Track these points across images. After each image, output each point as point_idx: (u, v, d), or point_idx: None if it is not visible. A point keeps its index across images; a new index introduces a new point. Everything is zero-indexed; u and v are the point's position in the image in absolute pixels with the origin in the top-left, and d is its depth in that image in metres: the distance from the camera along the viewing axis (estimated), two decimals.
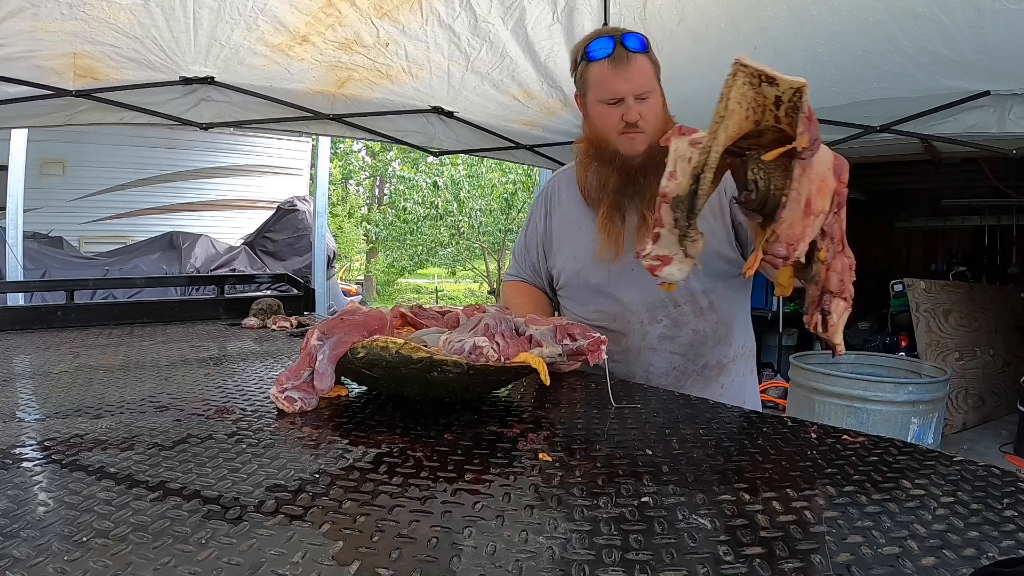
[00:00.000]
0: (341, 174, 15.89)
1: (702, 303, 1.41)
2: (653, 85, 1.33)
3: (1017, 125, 2.08)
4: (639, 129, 1.32)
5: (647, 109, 1.32)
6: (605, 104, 1.33)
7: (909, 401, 3.45)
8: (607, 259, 1.41)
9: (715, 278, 1.40)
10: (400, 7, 2.32)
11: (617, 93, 1.31)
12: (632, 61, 1.29)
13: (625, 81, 1.30)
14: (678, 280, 0.85)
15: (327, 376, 0.98)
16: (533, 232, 1.59)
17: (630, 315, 1.42)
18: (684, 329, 1.41)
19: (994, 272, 6.50)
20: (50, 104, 2.16)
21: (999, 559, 0.56)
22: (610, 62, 1.30)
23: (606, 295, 1.44)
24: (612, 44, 1.30)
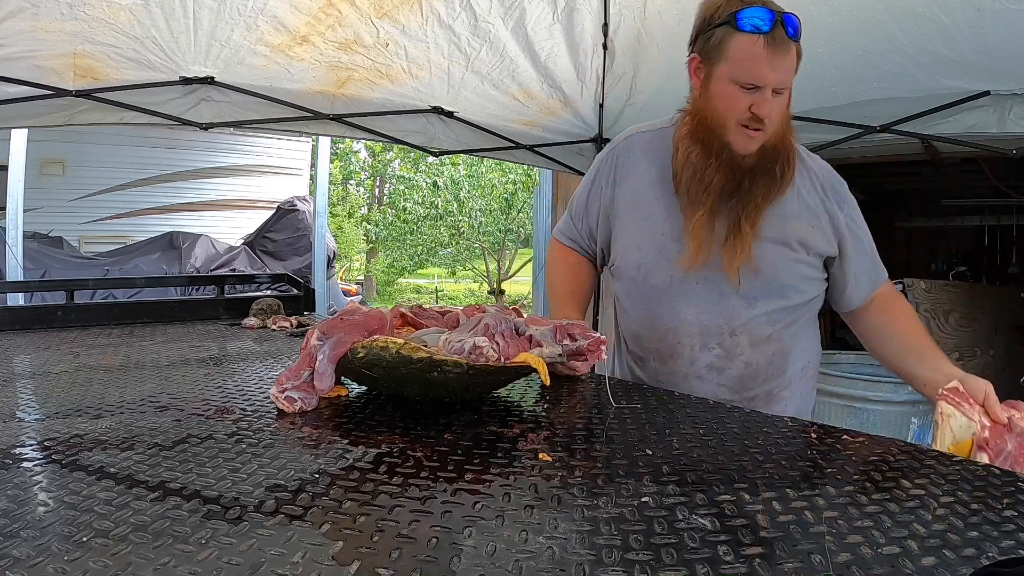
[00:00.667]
0: (341, 174, 15.89)
1: (761, 333, 1.25)
2: (791, 80, 1.15)
3: (1017, 125, 2.07)
4: (761, 127, 1.14)
5: (779, 106, 1.15)
6: (737, 86, 1.13)
7: (909, 401, 3.45)
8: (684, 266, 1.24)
9: (782, 304, 1.26)
10: (400, 7, 2.32)
11: (761, 79, 1.11)
12: (789, 48, 1.11)
13: (774, 69, 1.10)
14: None
15: (327, 376, 0.98)
16: (597, 195, 1.39)
17: (682, 335, 1.27)
18: (736, 361, 1.26)
19: (994, 272, 6.50)
20: (50, 104, 2.16)
21: (999, 559, 0.56)
22: (767, 41, 1.09)
23: (662, 303, 1.28)
24: (772, 20, 1.09)
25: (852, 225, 1.28)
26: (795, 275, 1.26)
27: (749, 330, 1.25)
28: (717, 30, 1.14)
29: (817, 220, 1.25)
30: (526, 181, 12.16)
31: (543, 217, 5.58)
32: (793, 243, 1.25)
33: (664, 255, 1.27)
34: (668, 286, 1.27)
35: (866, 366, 4.11)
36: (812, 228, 1.25)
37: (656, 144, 1.32)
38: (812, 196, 1.26)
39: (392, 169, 15.10)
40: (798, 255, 1.25)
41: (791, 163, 1.21)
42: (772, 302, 1.25)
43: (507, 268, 14.31)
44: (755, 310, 1.25)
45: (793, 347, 1.30)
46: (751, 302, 1.25)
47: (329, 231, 7.12)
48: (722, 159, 1.18)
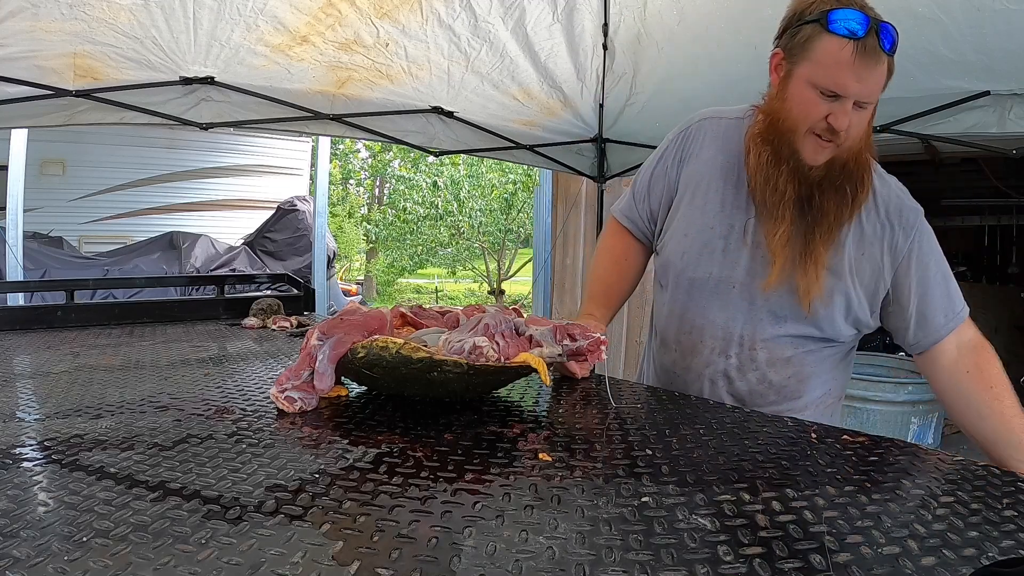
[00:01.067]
0: (341, 174, 15.90)
1: (782, 353, 1.20)
2: (878, 96, 1.08)
3: (1017, 125, 2.07)
4: (835, 139, 1.06)
5: (859, 121, 1.07)
6: (816, 91, 1.05)
7: (909, 401, 3.46)
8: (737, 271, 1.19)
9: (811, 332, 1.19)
10: (400, 7, 2.32)
11: (844, 88, 1.03)
12: (880, 62, 1.04)
13: (859, 80, 1.03)
14: None
15: (327, 376, 0.98)
16: (662, 175, 1.31)
17: (706, 335, 1.23)
18: (749, 375, 1.21)
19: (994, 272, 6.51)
20: (50, 104, 2.16)
21: (999, 559, 0.56)
22: (857, 48, 1.01)
23: (694, 298, 1.24)
24: (867, 27, 1.02)
25: (919, 256, 1.15)
26: (840, 306, 1.16)
27: (769, 347, 1.19)
28: (806, 27, 1.06)
29: (871, 249, 1.15)
30: (526, 181, 12.17)
31: (543, 217, 5.58)
32: (840, 271, 1.15)
33: (708, 250, 1.22)
34: (705, 283, 1.22)
35: (866, 366, 4.11)
36: (864, 257, 1.15)
37: (729, 134, 1.24)
38: (873, 222, 1.15)
39: (392, 169, 15.11)
40: (845, 283, 1.15)
41: (865, 184, 1.12)
42: (802, 327, 1.18)
43: (507, 268, 14.32)
44: (780, 329, 1.19)
45: (815, 374, 1.22)
46: (780, 321, 1.18)
47: (329, 231, 7.12)
48: (790, 166, 1.11)
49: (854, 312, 1.17)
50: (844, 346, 1.24)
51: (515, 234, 13.42)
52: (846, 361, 1.29)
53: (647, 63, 2.69)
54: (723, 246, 1.20)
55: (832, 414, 1.29)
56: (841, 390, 1.31)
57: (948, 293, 1.15)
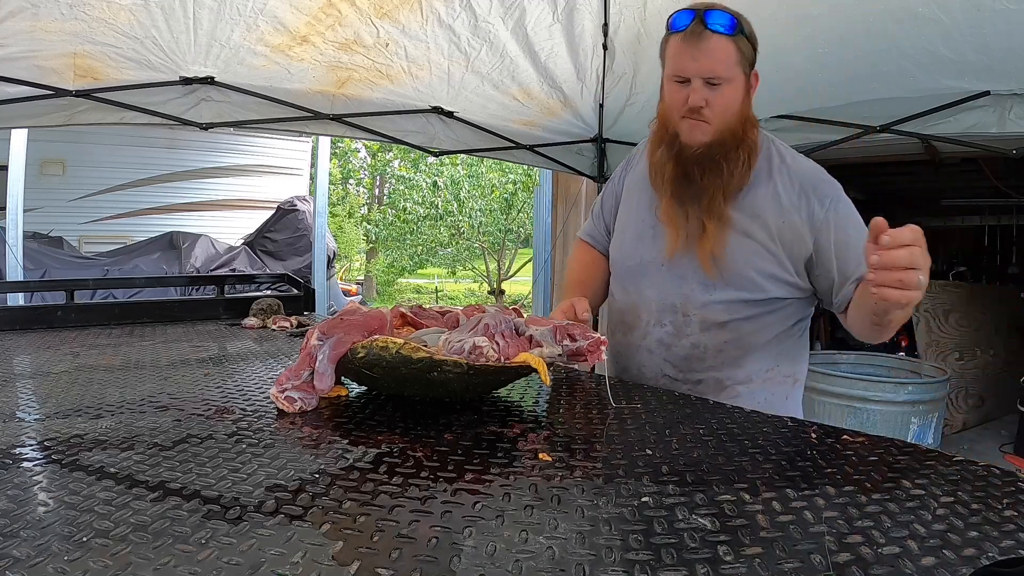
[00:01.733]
0: (341, 174, 15.89)
1: (715, 318, 1.30)
2: (730, 72, 1.20)
3: (1017, 125, 2.07)
4: (703, 118, 1.21)
5: (717, 97, 1.20)
6: (674, 81, 1.23)
7: (909, 401, 3.45)
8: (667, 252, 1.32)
9: (741, 296, 1.29)
10: (400, 7, 2.32)
11: (683, 71, 1.20)
12: (707, 40, 1.17)
13: (694, 60, 1.19)
14: None
15: (327, 376, 0.98)
16: (611, 192, 1.51)
17: (641, 310, 1.37)
18: (683, 340, 1.32)
19: (994, 272, 6.51)
20: (50, 104, 2.16)
21: (999, 559, 0.56)
22: (683, 37, 1.19)
23: (630, 282, 1.40)
24: (691, 18, 1.19)
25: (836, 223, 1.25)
26: (757, 270, 1.27)
27: (702, 314, 1.30)
28: (664, 39, 1.27)
29: (791, 217, 1.26)
30: (526, 181, 12.16)
31: (543, 217, 5.58)
32: (761, 238, 1.27)
33: (639, 239, 1.38)
34: (638, 267, 1.38)
35: (866, 366, 4.11)
36: (784, 224, 1.26)
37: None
38: (789, 194, 1.27)
39: (392, 169, 15.11)
40: (765, 250, 1.27)
41: (745, 159, 1.25)
42: (730, 292, 1.29)
43: (507, 268, 14.32)
44: (711, 296, 1.30)
45: (756, 344, 1.31)
46: (708, 289, 1.30)
47: (329, 231, 7.12)
48: (673, 150, 1.27)
49: (774, 272, 1.28)
50: (783, 317, 1.32)
51: (515, 234, 13.42)
52: (795, 339, 1.37)
53: (647, 63, 2.69)
54: (652, 234, 1.36)
55: (788, 396, 1.36)
56: (793, 368, 1.37)
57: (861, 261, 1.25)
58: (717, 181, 1.25)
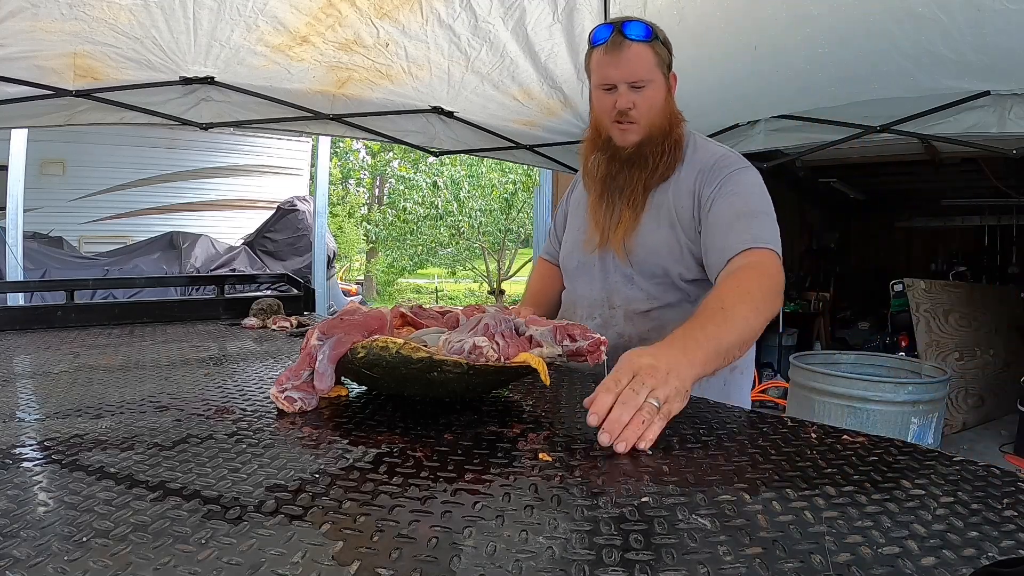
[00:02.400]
0: (341, 174, 15.89)
1: (637, 307, 1.39)
2: (651, 75, 1.30)
3: (1017, 125, 2.08)
4: (631, 119, 1.31)
5: (641, 99, 1.30)
6: (601, 90, 1.33)
7: (909, 401, 3.45)
8: (590, 248, 1.43)
9: (661, 283, 1.37)
10: (400, 7, 2.32)
11: (608, 79, 1.31)
12: (626, 48, 1.28)
13: (616, 68, 1.29)
14: None
15: (327, 376, 0.98)
16: (563, 208, 1.64)
17: (578, 306, 1.47)
18: (610, 331, 1.39)
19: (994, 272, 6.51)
20: (50, 104, 2.16)
21: (999, 559, 0.56)
22: (605, 48, 1.30)
23: (571, 281, 1.51)
24: (610, 31, 1.29)
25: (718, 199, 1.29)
26: (666, 258, 1.35)
27: (625, 305, 1.40)
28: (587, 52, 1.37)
29: (689, 199, 1.33)
30: (526, 181, 12.17)
31: (543, 217, 5.59)
32: (668, 224, 1.35)
33: (576, 244, 1.50)
34: (576, 268, 1.49)
35: (866, 366, 4.11)
36: (683, 208, 1.34)
37: None
38: (688, 177, 1.35)
39: (392, 169, 15.11)
40: (673, 235, 1.34)
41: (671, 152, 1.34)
42: (647, 282, 1.38)
43: (507, 268, 14.32)
44: (633, 287, 1.40)
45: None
46: (630, 279, 1.40)
47: (329, 231, 7.12)
48: (607, 152, 1.38)
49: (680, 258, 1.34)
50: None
51: (515, 234, 13.42)
52: None
53: None
54: (585, 238, 1.47)
55: (726, 383, 1.37)
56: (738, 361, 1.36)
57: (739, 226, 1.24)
58: (641, 174, 1.35)
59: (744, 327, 1.06)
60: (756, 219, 1.26)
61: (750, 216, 1.26)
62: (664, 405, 0.86)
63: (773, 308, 1.12)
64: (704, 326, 1.03)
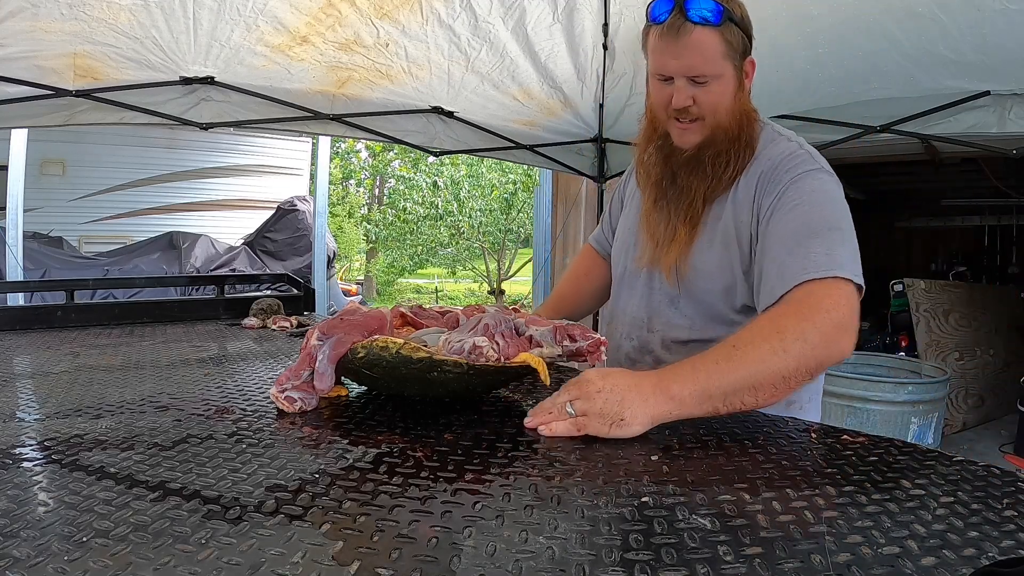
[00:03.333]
0: (341, 174, 15.89)
1: (676, 335, 1.21)
2: (716, 68, 1.07)
3: (1017, 125, 2.08)
4: (692, 116, 1.09)
5: (704, 95, 1.08)
6: (658, 79, 1.11)
7: (909, 401, 3.46)
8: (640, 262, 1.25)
9: (705, 318, 1.19)
10: (400, 7, 2.32)
11: (665, 69, 1.08)
12: (687, 34, 1.04)
13: (674, 57, 1.06)
14: None
15: (327, 376, 0.98)
16: (618, 198, 1.46)
17: (617, 323, 1.31)
18: (646, 357, 1.25)
19: (994, 272, 6.51)
20: (50, 104, 2.16)
21: (999, 559, 0.56)
22: (662, 31, 1.06)
23: (616, 289, 1.35)
24: (670, 7, 1.05)
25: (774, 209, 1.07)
26: (722, 282, 1.14)
27: (665, 330, 1.22)
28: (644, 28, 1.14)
29: (748, 213, 1.12)
30: (526, 181, 12.16)
31: (543, 217, 5.59)
32: (722, 243, 1.14)
33: (625, 247, 1.34)
34: (622, 276, 1.33)
35: (866, 366, 4.11)
36: (742, 223, 1.12)
37: None
38: (749, 184, 1.13)
39: (392, 169, 15.11)
40: (727, 256, 1.14)
41: (736, 157, 1.12)
42: (695, 307, 1.18)
43: (507, 268, 14.32)
44: (675, 312, 1.21)
45: None
46: (674, 302, 1.21)
47: (329, 231, 7.12)
48: (663, 151, 1.18)
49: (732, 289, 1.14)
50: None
51: (515, 234, 13.42)
52: None
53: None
54: (633, 241, 1.31)
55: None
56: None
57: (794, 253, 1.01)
58: (701, 183, 1.14)
59: (757, 370, 0.90)
60: (820, 239, 1.01)
61: (812, 236, 1.02)
62: (580, 416, 0.87)
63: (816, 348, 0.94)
64: (702, 364, 0.91)
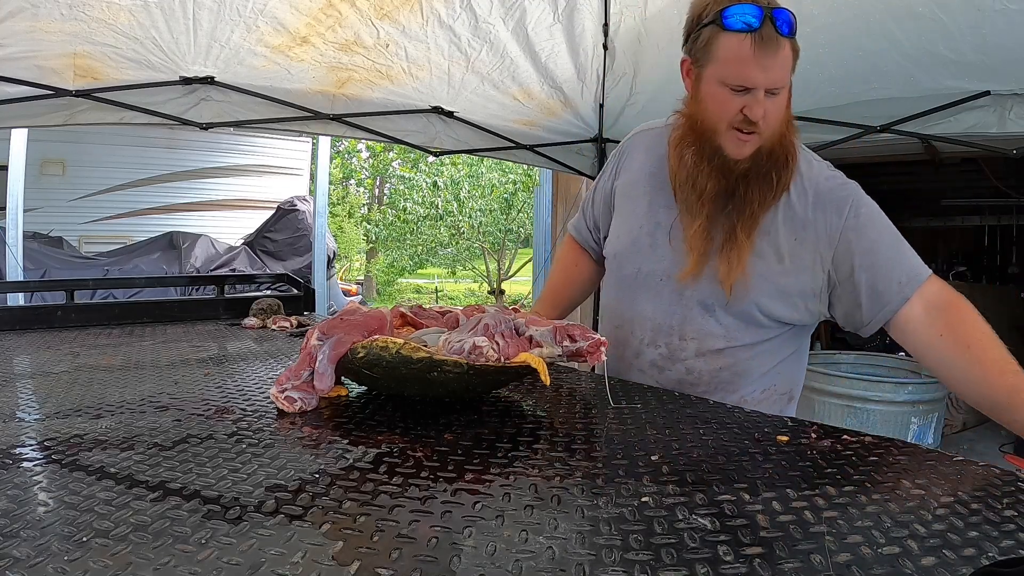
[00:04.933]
0: (341, 174, 15.90)
1: (712, 345, 1.20)
2: (788, 79, 1.08)
3: (1017, 125, 2.07)
4: (755, 130, 1.08)
5: (774, 108, 1.08)
6: (727, 88, 1.07)
7: (909, 401, 3.45)
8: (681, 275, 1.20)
9: (742, 326, 1.19)
10: (400, 8, 2.32)
11: (750, 81, 1.05)
12: (779, 47, 1.03)
13: (764, 70, 1.04)
14: None
15: (327, 376, 0.98)
16: (602, 187, 1.41)
17: (635, 327, 1.27)
18: (678, 365, 1.23)
19: (994, 272, 6.51)
20: (50, 104, 2.16)
21: (999, 559, 0.56)
22: (754, 40, 1.02)
23: (625, 293, 1.29)
24: (760, 17, 1.02)
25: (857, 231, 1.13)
26: (768, 294, 1.16)
27: (700, 338, 1.21)
28: (705, 30, 1.08)
29: (806, 233, 1.14)
30: (526, 181, 12.16)
31: (543, 217, 5.58)
32: (774, 256, 1.15)
33: (636, 247, 1.27)
34: (634, 278, 1.27)
35: (866, 366, 4.11)
36: (797, 243, 1.14)
37: (656, 142, 1.32)
38: (804, 206, 1.16)
39: (392, 169, 15.11)
40: (780, 270, 1.15)
41: (789, 166, 1.14)
42: (733, 317, 1.18)
43: (507, 268, 14.32)
44: (710, 321, 1.20)
45: (752, 370, 1.22)
46: (709, 311, 1.20)
47: (329, 231, 7.12)
48: (714, 164, 1.13)
49: (791, 299, 1.17)
50: (786, 341, 1.23)
51: (515, 234, 13.41)
52: (795, 357, 1.28)
53: (647, 63, 2.69)
54: (650, 242, 1.25)
55: (782, 411, 1.25)
56: (789, 386, 1.29)
57: (899, 259, 1.12)
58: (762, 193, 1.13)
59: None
60: (903, 245, 1.13)
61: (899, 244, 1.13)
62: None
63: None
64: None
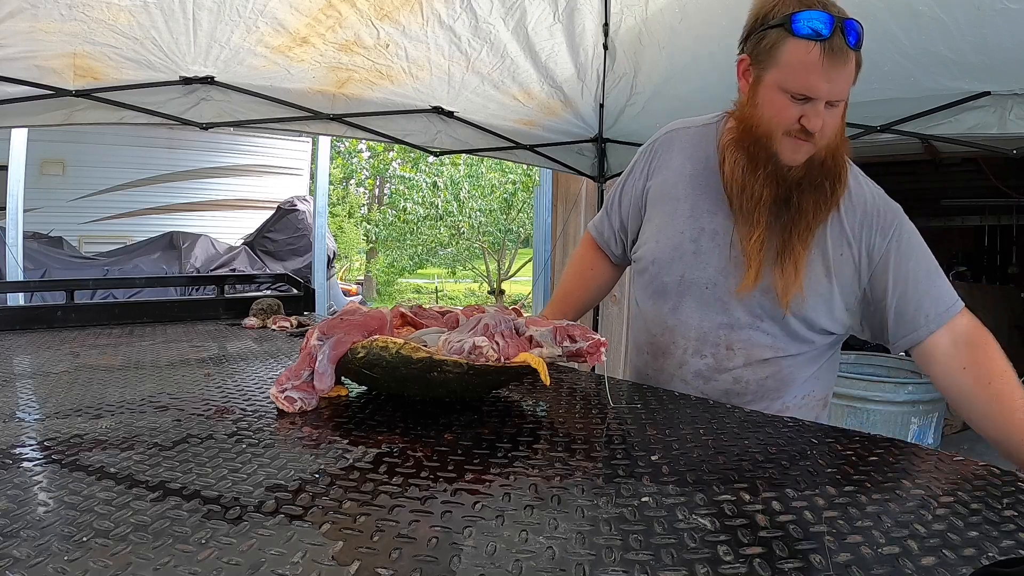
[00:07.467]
0: (341, 174, 15.90)
1: (760, 354, 1.20)
2: (849, 92, 1.07)
3: (1017, 125, 2.07)
4: (812, 139, 1.07)
5: (833, 119, 1.07)
6: (787, 95, 1.05)
7: (909, 401, 3.45)
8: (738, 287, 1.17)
9: (788, 337, 1.19)
10: (400, 8, 2.32)
11: (813, 91, 1.03)
12: (847, 59, 1.01)
13: (829, 81, 1.02)
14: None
15: (327, 376, 0.98)
16: (631, 187, 1.35)
17: (678, 336, 1.24)
18: (724, 375, 1.21)
19: (994, 272, 6.52)
20: (50, 104, 2.16)
21: (999, 559, 0.56)
22: (824, 49, 1.00)
23: (667, 301, 1.25)
24: (832, 26, 0.99)
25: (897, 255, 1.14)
26: (816, 307, 1.16)
27: (747, 348, 1.20)
28: (771, 32, 1.05)
29: (850, 248, 1.15)
30: (526, 181, 12.16)
31: (543, 217, 5.58)
32: (824, 270, 1.15)
33: (678, 253, 1.23)
34: (676, 285, 1.23)
35: (866, 366, 4.11)
36: (842, 258, 1.15)
37: (696, 141, 1.27)
38: (852, 222, 1.16)
39: (392, 169, 15.11)
40: (827, 284, 1.16)
41: (842, 179, 1.13)
42: (781, 328, 1.18)
43: (507, 268, 14.32)
44: (758, 330, 1.19)
45: (795, 377, 1.22)
46: (757, 321, 1.19)
47: (329, 231, 7.13)
48: (768, 170, 1.11)
49: (834, 311, 1.17)
50: (825, 348, 1.24)
51: (515, 234, 13.42)
52: (830, 363, 1.29)
53: (648, 63, 2.69)
54: (694, 249, 1.21)
55: (818, 416, 1.26)
56: (825, 391, 1.29)
57: (933, 290, 1.13)
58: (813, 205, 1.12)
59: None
60: (940, 278, 1.15)
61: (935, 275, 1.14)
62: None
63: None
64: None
